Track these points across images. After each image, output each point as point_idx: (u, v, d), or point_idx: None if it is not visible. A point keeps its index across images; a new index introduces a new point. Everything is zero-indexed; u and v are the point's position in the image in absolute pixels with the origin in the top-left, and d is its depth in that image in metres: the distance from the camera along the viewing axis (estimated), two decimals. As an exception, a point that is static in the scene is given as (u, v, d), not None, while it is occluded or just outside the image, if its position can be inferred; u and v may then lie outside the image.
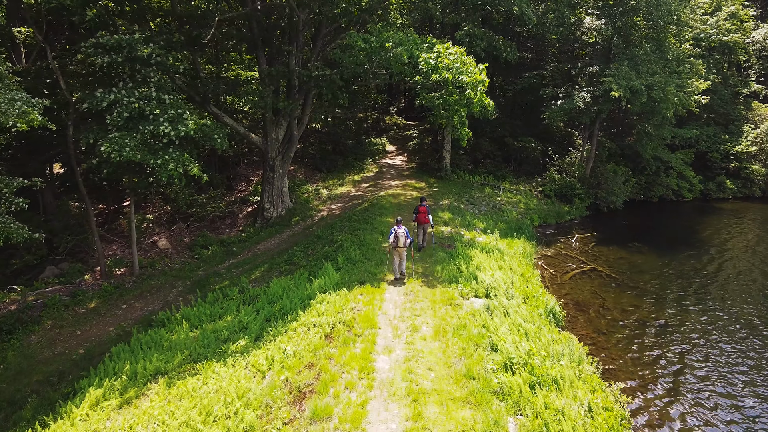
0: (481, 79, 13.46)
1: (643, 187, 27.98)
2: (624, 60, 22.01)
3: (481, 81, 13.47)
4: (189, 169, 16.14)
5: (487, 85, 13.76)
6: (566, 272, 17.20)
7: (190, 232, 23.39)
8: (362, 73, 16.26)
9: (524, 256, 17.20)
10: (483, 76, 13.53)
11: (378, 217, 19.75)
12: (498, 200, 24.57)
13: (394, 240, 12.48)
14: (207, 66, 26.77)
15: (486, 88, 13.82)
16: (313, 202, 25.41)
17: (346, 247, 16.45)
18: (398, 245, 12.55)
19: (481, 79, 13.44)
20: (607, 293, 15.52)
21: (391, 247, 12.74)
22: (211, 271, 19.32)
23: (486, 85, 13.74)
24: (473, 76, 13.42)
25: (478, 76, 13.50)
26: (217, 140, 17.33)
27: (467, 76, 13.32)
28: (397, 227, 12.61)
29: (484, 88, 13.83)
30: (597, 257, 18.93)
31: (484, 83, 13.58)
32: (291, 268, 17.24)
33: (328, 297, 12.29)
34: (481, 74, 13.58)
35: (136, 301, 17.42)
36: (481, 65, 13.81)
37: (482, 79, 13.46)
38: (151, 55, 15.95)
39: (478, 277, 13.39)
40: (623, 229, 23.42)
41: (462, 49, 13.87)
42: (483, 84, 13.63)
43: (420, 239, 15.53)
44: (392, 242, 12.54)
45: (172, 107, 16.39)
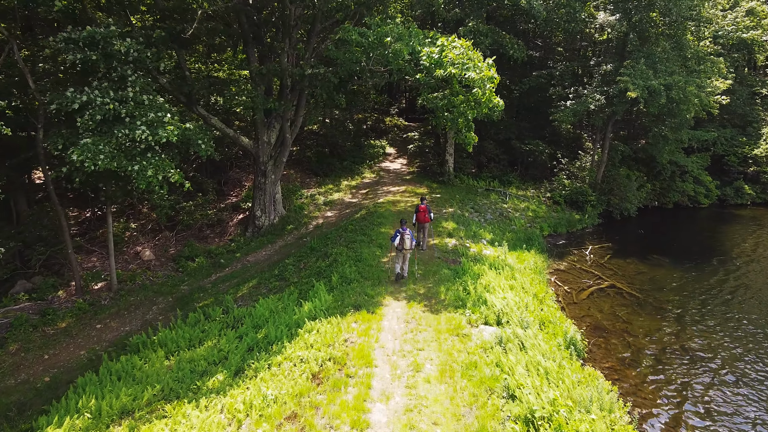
0: (491, 76, 11.97)
1: (657, 192, 26.44)
2: (640, 58, 20.49)
3: (490, 78, 11.98)
4: (170, 176, 14.68)
5: (497, 82, 12.28)
6: (582, 289, 15.70)
7: (177, 242, 21.91)
8: (359, 71, 14.79)
9: (536, 272, 15.70)
10: (492, 72, 12.04)
11: (376, 228, 18.26)
12: (504, 207, 23.07)
13: (399, 242, 12.45)
14: (197, 65, 25.36)
15: (495, 86, 12.34)
16: (308, 209, 23.94)
17: (341, 262, 14.97)
18: (404, 247, 12.52)
19: (491, 75, 11.95)
20: (629, 314, 14.01)
21: (396, 249, 12.68)
22: (195, 286, 17.86)
23: (496, 83, 12.25)
24: (482, 72, 11.94)
25: (488, 72, 12.01)
26: (200, 146, 15.86)
27: (475, 73, 11.84)
28: (402, 229, 12.55)
29: (494, 86, 12.35)
30: (614, 272, 17.41)
31: (494, 80, 12.10)
32: (281, 284, 15.78)
33: (318, 325, 10.80)
34: (491, 70, 12.08)
35: (113, 320, 15.96)
36: (490, 60, 12.33)
37: (492, 75, 11.98)
38: (128, 51, 14.50)
39: (487, 300, 11.89)
40: (639, 239, 21.89)
41: (468, 42, 12.39)
42: (493, 81, 12.14)
43: (420, 239, 15.53)
44: (397, 244, 12.49)
45: (152, 109, 14.97)
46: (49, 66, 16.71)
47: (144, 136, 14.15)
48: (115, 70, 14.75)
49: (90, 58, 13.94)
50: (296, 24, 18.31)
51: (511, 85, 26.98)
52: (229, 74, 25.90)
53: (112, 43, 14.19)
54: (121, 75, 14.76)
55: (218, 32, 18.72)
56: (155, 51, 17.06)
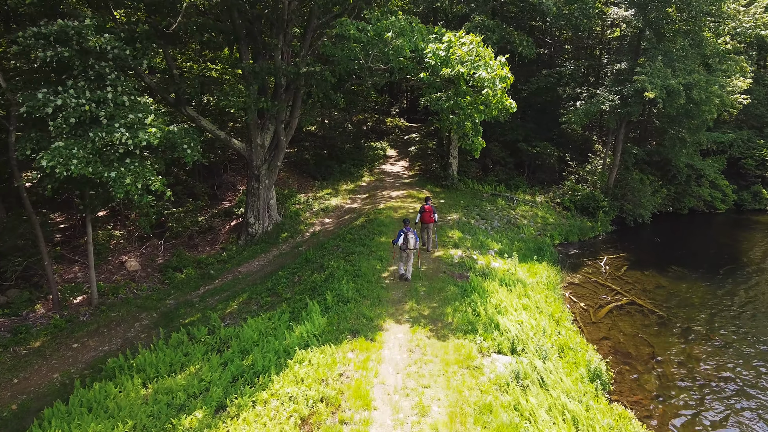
0: (503, 75, 10.74)
1: (672, 197, 25.16)
2: (658, 56, 19.24)
3: (503, 77, 10.75)
4: (150, 183, 13.47)
5: (510, 82, 11.05)
6: (600, 306, 14.46)
7: (165, 250, 20.69)
8: (357, 70, 13.56)
9: (549, 287, 14.46)
10: (505, 71, 10.81)
11: (376, 237, 17.04)
12: (512, 214, 21.83)
13: (403, 242, 12.42)
14: (188, 63, 24.14)
15: (508, 86, 11.11)
16: (304, 215, 22.71)
17: (338, 277, 13.75)
18: (408, 247, 12.48)
19: (503, 74, 10.72)
20: (654, 336, 12.77)
21: (399, 249, 12.70)
22: (182, 300, 16.65)
23: (509, 83, 11.02)
24: (493, 71, 10.71)
25: (500, 71, 10.78)
26: (185, 150, 14.64)
27: (486, 72, 10.62)
28: (406, 229, 12.50)
29: (507, 86, 11.12)
30: (632, 285, 16.16)
31: (507, 80, 10.87)
32: (273, 300, 14.57)
33: (311, 355, 9.58)
34: (503, 69, 10.85)
35: (91, 339, 14.76)
36: (502, 58, 11.09)
37: (504, 74, 10.75)
38: (106, 47, 13.31)
39: (499, 324, 10.66)
40: (656, 247, 20.62)
41: (479, 38, 11.16)
42: (505, 81, 10.91)
43: (424, 239, 15.42)
44: (401, 244, 12.47)
45: (133, 111, 13.77)
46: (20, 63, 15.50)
47: (123, 139, 12.95)
48: (92, 68, 13.58)
49: (62, 54, 12.76)
50: (290, 19, 17.09)
51: (518, 84, 25.70)
52: (223, 73, 24.71)
53: (88, 38, 13.00)
54: (99, 73, 13.59)
55: (207, 28, 17.49)
56: (139, 47, 15.89)
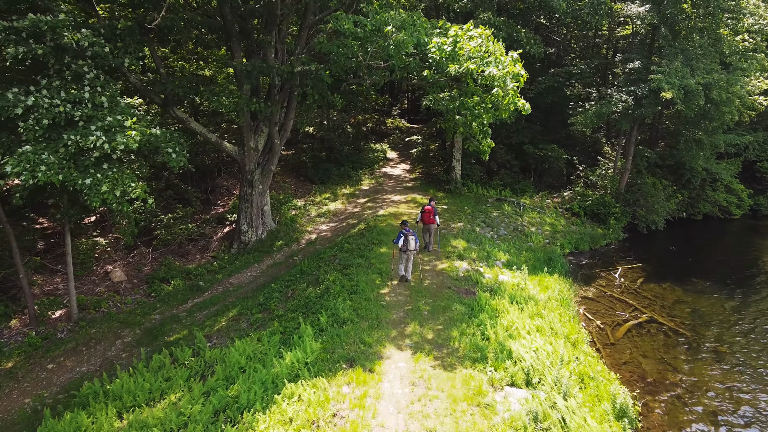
0: (517, 73, 9.65)
1: (685, 203, 24.03)
2: (676, 54, 18.12)
3: (515, 75, 9.66)
4: (130, 190, 12.39)
5: (524, 80, 9.96)
6: (618, 324, 13.34)
7: (153, 260, 19.60)
8: (355, 68, 12.48)
9: (563, 303, 13.35)
10: (519, 68, 9.71)
11: (375, 247, 15.94)
12: (519, 221, 20.72)
13: (403, 243, 12.25)
14: (180, 63, 23.09)
15: (522, 84, 10.02)
16: (301, 222, 21.62)
17: (334, 294, 12.65)
18: (408, 248, 12.32)
19: (517, 72, 9.63)
20: (680, 360, 11.65)
21: (399, 251, 12.52)
22: (168, 315, 15.57)
23: (523, 81, 9.93)
24: (505, 68, 9.62)
25: (512, 68, 9.69)
26: (170, 155, 13.57)
27: (497, 68, 9.53)
28: (405, 230, 12.33)
29: (520, 84, 10.03)
30: (650, 300, 15.04)
31: (520, 78, 9.77)
32: (264, 317, 13.49)
33: (301, 389, 8.48)
34: (516, 66, 9.76)
35: (68, 358, 13.69)
36: (514, 53, 10.00)
37: (518, 72, 9.66)
38: (81, 43, 12.25)
39: (512, 352, 9.56)
40: (672, 257, 19.48)
41: (489, 31, 10.07)
42: (519, 79, 9.82)
43: (426, 239, 15.28)
44: (401, 246, 12.30)
45: (111, 112, 12.71)
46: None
47: (99, 143, 11.89)
48: (69, 66, 12.53)
49: (35, 51, 11.71)
50: (284, 14, 16.02)
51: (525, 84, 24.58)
52: (216, 72, 23.66)
53: (63, 34, 11.95)
54: (76, 72, 12.54)
55: (196, 24, 16.42)
56: (120, 45, 14.84)
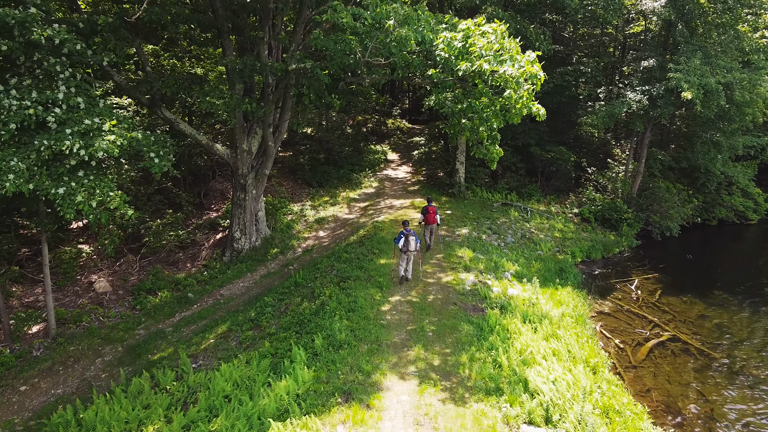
0: (534, 74, 8.63)
1: (700, 207, 23.01)
2: (695, 51, 17.08)
3: (533, 76, 8.65)
4: (108, 201, 11.37)
5: (542, 82, 8.94)
6: (638, 344, 12.33)
7: (141, 268, 18.60)
8: (353, 65, 11.46)
9: (579, 321, 12.33)
10: (537, 68, 8.70)
11: (375, 258, 14.93)
12: (527, 227, 19.70)
13: (404, 244, 12.28)
14: (171, 61, 22.06)
15: (539, 87, 9.01)
16: (297, 228, 20.61)
17: (330, 311, 11.64)
18: (409, 249, 12.36)
19: (534, 73, 8.62)
20: (709, 385, 10.64)
21: (400, 251, 12.55)
22: (154, 330, 14.57)
23: (540, 83, 8.91)
24: (522, 67, 8.60)
25: (529, 68, 8.66)
26: (153, 160, 12.54)
27: (513, 67, 8.52)
28: (406, 230, 12.32)
29: (537, 87, 9.02)
30: (671, 315, 14.03)
31: (538, 79, 8.76)
32: (254, 335, 12.48)
33: (290, 429, 7.48)
34: (533, 66, 8.74)
35: (43, 379, 12.69)
36: (532, 53, 8.98)
37: (535, 73, 8.64)
38: (53, 39, 11.24)
39: (528, 382, 8.55)
40: (689, 266, 18.43)
41: (503, 27, 9.05)
42: (536, 81, 8.80)
43: (428, 239, 15.38)
44: (402, 247, 12.34)
45: (89, 114, 11.71)
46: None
47: (74, 148, 10.88)
48: (40, 64, 11.53)
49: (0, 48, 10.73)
50: (277, 7, 14.99)
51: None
52: (209, 71, 22.65)
53: (32, 30, 10.94)
54: (48, 71, 11.54)
55: (184, 18, 15.37)
56: (99, 41, 13.82)
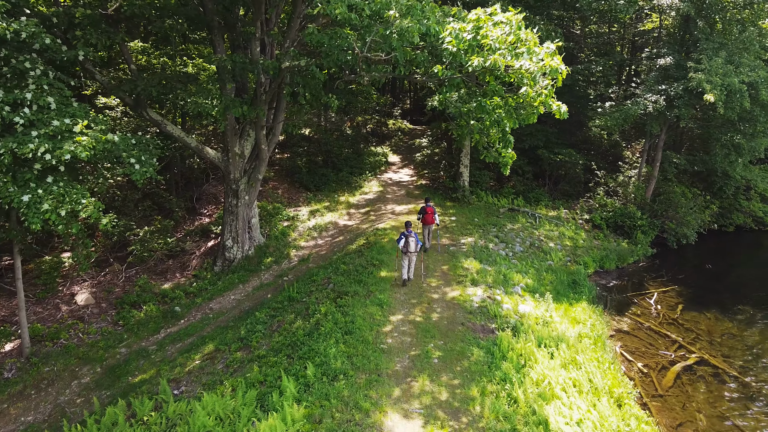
0: (555, 68, 7.56)
1: (717, 213, 21.90)
2: (716, 49, 16.01)
3: (554, 70, 7.57)
4: (80, 209, 10.32)
5: (563, 78, 7.87)
6: (663, 368, 11.22)
7: (126, 279, 17.53)
8: (350, 62, 10.40)
9: (597, 343, 11.23)
10: (557, 62, 7.62)
11: (375, 270, 13.85)
12: (536, 234, 18.60)
13: (404, 246, 12.35)
14: (162, 59, 21.01)
15: (560, 83, 7.94)
16: (293, 235, 19.53)
17: (325, 332, 10.57)
18: (409, 250, 12.40)
19: (555, 67, 7.55)
20: (747, 417, 9.54)
21: (401, 252, 12.60)
22: (136, 348, 13.53)
23: (561, 79, 7.84)
24: (541, 61, 7.54)
25: (549, 61, 7.60)
26: (133, 165, 11.49)
27: (531, 60, 7.46)
28: (407, 231, 12.36)
29: (558, 84, 7.96)
30: (695, 334, 12.92)
31: (560, 74, 7.68)
32: (243, 357, 11.41)
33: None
34: (553, 59, 7.66)
35: (13, 405, 11.67)
36: (551, 44, 7.90)
37: (556, 67, 7.57)
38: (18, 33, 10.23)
39: (548, 423, 7.47)
40: (709, 277, 17.31)
41: (519, 16, 7.99)
42: (557, 76, 7.73)
43: (426, 240, 15.30)
44: (402, 247, 12.42)
45: (60, 115, 10.69)
46: None
47: (40, 151, 9.85)
48: (7, 61, 10.53)
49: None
50: (269, 1, 13.94)
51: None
52: (200, 70, 21.61)
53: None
54: (17, 68, 10.53)
55: (169, 12, 14.33)
56: (80, 35, 12.78)
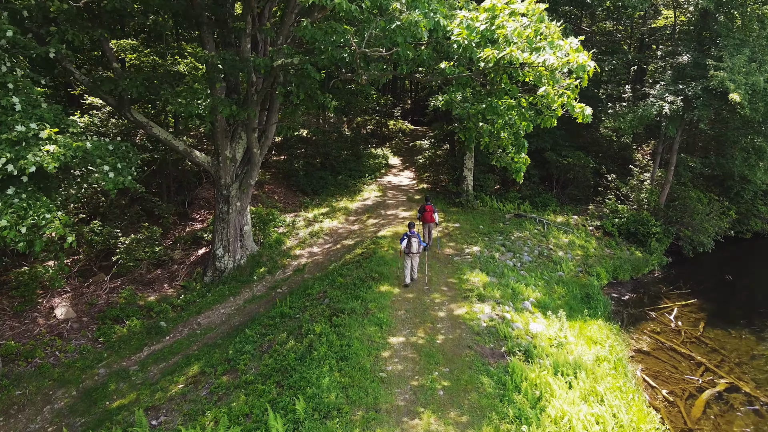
0: (582, 64, 6.56)
1: (733, 219, 20.90)
2: (738, 46, 15.00)
3: (580, 67, 6.57)
4: (44, 224, 9.31)
5: (589, 76, 6.86)
6: (690, 395, 10.22)
7: (111, 289, 16.53)
8: (347, 59, 9.39)
9: (617, 368, 10.22)
10: (584, 57, 6.61)
11: (374, 284, 12.84)
12: (544, 243, 17.59)
13: (407, 246, 12.23)
14: (152, 57, 20.04)
15: (586, 82, 6.93)
16: (288, 243, 18.52)
17: (318, 357, 9.57)
18: (411, 251, 12.28)
19: (582, 63, 6.55)
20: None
21: (403, 252, 12.46)
22: (116, 368, 12.52)
23: (587, 78, 6.83)
24: (567, 56, 6.54)
25: (574, 57, 6.59)
26: (107, 174, 10.46)
27: (554, 55, 6.46)
28: (410, 232, 12.26)
29: (584, 82, 6.95)
30: (721, 355, 11.91)
31: (587, 71, 6.67)
32: (229, 382, 10.41)
33: None
34: (579, 55, 6.65)
35: (-22, 433, 10.65)
36: (574, 39, 6.90)
37: (583, 63, 6.57)
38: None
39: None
40: (730, 288, 16.30)
41: (541, 6, 6.96)
42: (581, 74, 6.72)
43: (427, 238, 15.25)
44: (404, 248, 12.29)
45: (25, 119, 9.69)
46: None
47: (1, 162, 8.84)
48: (-31, 57, 9.54)
49: None
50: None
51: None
52: (193, 68, 20.65)
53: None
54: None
55: (154, 6, 13.32)
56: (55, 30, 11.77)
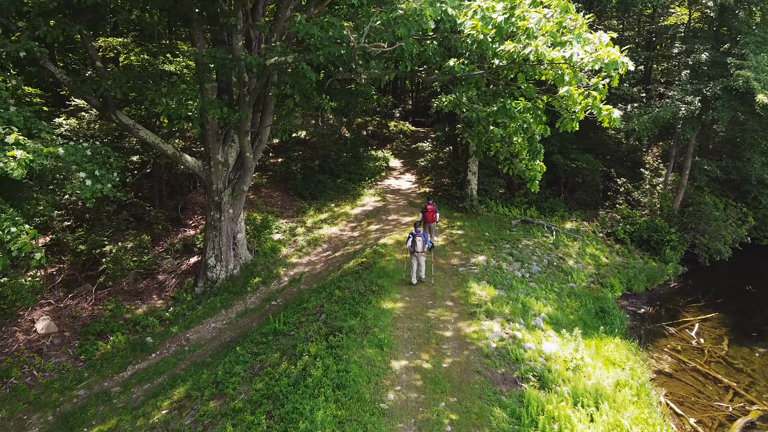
0: (615, 59, 5.67)
1: (751, 225, 20.01)
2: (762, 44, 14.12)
3: (613, 63, 5.67)
4: (8, 240, 8.43)
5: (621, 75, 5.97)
6: (720, 424, 9.33)
7: (97, 300, 15.66)
8: (344, 56, 8.51)
9: (641, 394, 9.33)
10: (617, 53, 5.72)
11: (375, 298, 11.95)
12: (554, 251, 16.70)
13: (411, 245, 12.25)
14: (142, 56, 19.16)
15: (616, 82, 6.05)
16: (284, 251, 17.64)
17: (313, 384, 8.68)
18: (416, 250, 12.25)
19: (617, 59, 5.65)
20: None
21: (408, 251, 12.54)
22: (98, 389, 11.66)
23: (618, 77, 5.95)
24: (597, 51, 5.66)
25: (605, 53, 5.71)
26: (84, 182, 9.59)
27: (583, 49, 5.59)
28: (416, 231, 12.25)
29: (614, 82, 6.07)
30: (750, 376, 11.01)
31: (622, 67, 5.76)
32: (216, 409, 9.54)
33: None
34: (611, 50, 5.77)
35: (-57, 465, 9.79)
36: (604, 34, 6.01)
37: (616, 59, 5.67)
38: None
39: None
40: (753, 300, 15.34)
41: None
42: (612, 72, 5.83)
43: (431, 237, 15.12)
44: (410, 247, 12.33)
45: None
46: None
47: (-39, 169, 7.98)
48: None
49: None
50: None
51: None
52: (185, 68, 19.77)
53: None
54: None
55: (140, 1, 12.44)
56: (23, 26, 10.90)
